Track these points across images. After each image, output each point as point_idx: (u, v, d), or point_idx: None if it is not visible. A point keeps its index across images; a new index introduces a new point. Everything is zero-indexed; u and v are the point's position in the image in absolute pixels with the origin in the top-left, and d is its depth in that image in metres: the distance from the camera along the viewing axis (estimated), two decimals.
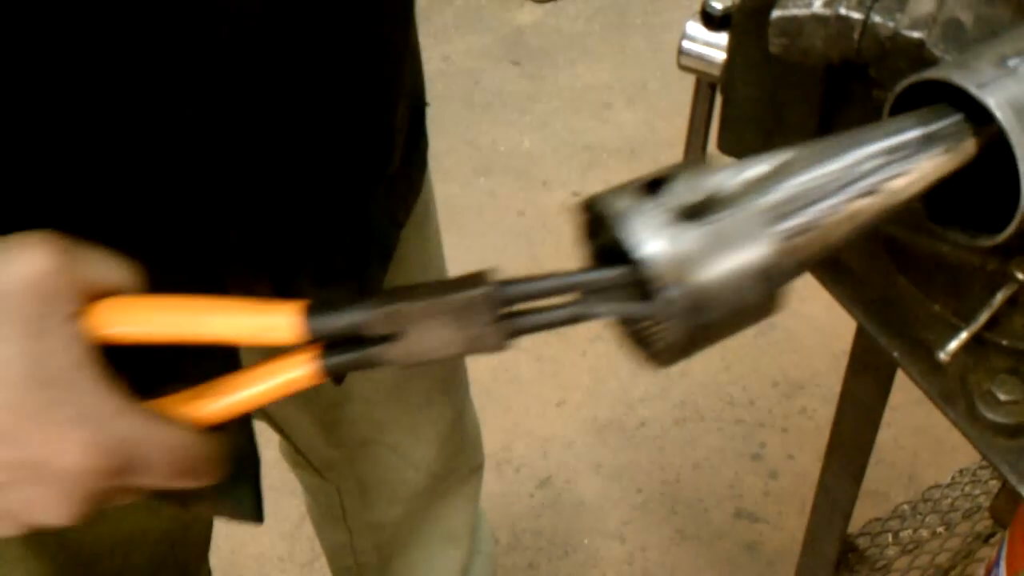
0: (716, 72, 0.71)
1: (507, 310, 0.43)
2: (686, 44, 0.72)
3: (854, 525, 1.54)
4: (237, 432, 0.52)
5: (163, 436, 0.43)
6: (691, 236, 0.40)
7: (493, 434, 1.73)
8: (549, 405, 1.76)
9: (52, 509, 0.42)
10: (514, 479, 1.68)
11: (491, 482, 1.67)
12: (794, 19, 0.54)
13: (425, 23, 2.44)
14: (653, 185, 0.41)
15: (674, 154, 0.73)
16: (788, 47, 0.55)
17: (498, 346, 0.43)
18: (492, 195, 2.08)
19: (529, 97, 2.26)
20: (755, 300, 0.41)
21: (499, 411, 1.76)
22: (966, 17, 0.53)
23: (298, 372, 0.44)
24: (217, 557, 0.99)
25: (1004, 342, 0.64)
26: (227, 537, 1.59)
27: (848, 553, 1.06)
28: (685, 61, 0.72)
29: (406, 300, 0.42)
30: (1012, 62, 0.43)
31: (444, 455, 1.06)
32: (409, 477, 1.05)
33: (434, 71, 2.32)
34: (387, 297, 0.42)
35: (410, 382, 0.98)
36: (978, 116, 0.47)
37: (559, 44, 2.35)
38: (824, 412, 1.68)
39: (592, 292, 0.43)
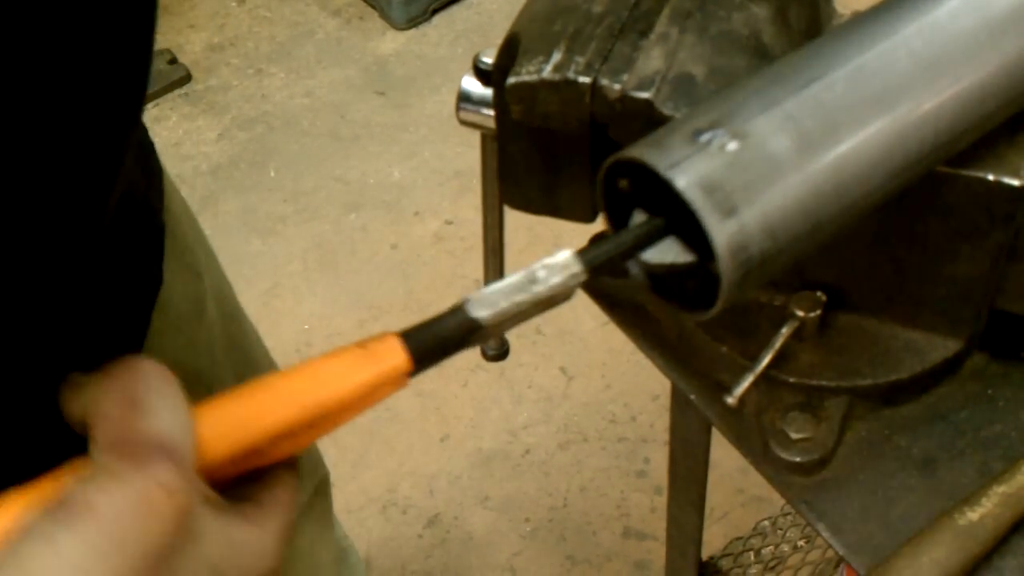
0: (494, 125, 0.69)
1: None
2: (463, 100, 0.70)
3: (740, 530, 1.56)
4: None
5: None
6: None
7: (378, 476, 1.71)
8: (433, 441, 1.74)
9: None
10: (401, 520, 1.65)
11: (378, 526, 1.64)
12: (527, 85, 0.53)
13: (286, 59, 2.40)
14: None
15: None
16: (527, 113, 0.54)
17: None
18: (364, 230, 2.05)
19: (396, 127, 2.23)
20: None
21: (383, 452, 1.73)
22: (698, 71, 0.53)
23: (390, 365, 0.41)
24: None
25: (792, 379, 0.64)
26: None
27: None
28: (463, 116, 0.71)
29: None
30: (705, 136, 0.42)
31: None
32: None
33: (298, 107, 2.29)
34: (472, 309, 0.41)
35: None
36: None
37: (423, 71, 2.33)
38: None
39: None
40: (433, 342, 0.42)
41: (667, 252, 0.45)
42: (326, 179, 2.14)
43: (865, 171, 0.47)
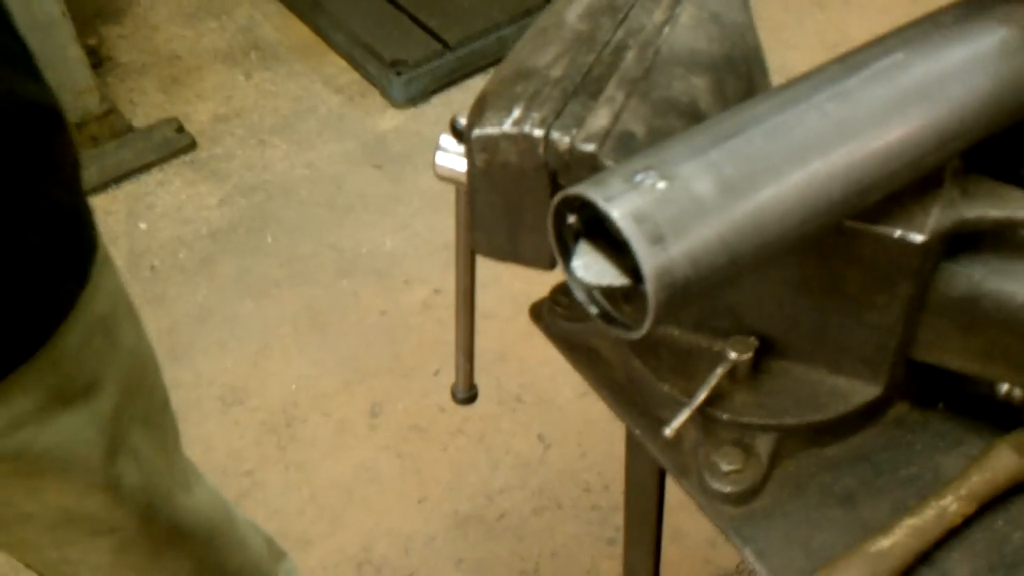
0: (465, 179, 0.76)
1: None
2: (439, 156, 0.77)
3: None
4: None
5: None
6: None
7: (354, 535, 1.74)
8: (411, 502, 1.77)
9: None
10: None
11: None
12: (490, 137, 0.60)
13: (289, 131, 2.50)
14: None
15: None
16: (490, 161, 0.61)
17: None
18: (355, 295, 2.12)
19: (391, 199, 2.32)
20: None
21: (360, 511, 1.77)
22: (639, 129, 0.60)
23: None
24: None
25: (725, 416, 0.70)
26: None
27: None
28: (440, 172, 0.78)
29: None
30: (639, 177, 0.49)
31: None
32: None
33: (297, 177, 2.38)
34: None
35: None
36: None
37: (419, 147, 2.43)
38: None
39: None
40: None
41: (605, 275, 0.52)
42: (321, 246, 2.21)
43: (779, 215, 0.53)
